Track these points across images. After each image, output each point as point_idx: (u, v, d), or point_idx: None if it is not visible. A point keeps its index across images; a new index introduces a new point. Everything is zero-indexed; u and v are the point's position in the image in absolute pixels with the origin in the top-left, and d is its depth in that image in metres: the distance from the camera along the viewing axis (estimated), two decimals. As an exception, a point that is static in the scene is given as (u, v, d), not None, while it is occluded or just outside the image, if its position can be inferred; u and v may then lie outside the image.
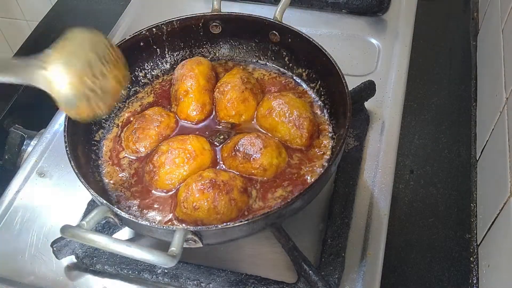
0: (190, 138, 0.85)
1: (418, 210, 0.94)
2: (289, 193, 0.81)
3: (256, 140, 0.83)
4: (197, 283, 0.79)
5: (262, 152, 0.82)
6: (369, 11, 1.23)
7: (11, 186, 0.95)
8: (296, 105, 0.87)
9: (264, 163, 0.82)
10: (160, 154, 0.83)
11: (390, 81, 1.08)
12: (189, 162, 0.82)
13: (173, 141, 0.85)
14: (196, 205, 0.76)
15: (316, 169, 0.84)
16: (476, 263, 0.86)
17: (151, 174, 0.83)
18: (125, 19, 1.26)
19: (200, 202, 0.76)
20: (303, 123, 0.85)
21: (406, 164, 1.00)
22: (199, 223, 0.76)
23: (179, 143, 0.84)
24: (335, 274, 0.78)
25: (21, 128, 1.04)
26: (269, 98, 0.90)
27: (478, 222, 0.91)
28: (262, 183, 0.82)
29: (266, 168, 0.82)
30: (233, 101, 0.90)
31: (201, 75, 0.93)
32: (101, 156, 0.89)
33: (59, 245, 0.81)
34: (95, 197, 0.73)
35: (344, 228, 0.84)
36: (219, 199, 0.76)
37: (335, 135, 0.88)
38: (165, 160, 0.82)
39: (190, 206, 0.76)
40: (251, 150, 0.82)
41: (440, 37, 1.24)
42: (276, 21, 0.94)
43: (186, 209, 0.77)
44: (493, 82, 0.99)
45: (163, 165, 0.82)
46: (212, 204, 0.76)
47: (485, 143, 0.96)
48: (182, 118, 0.92)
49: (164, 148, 0.83)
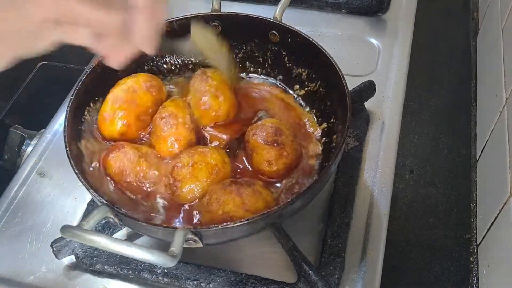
0: (210, 151, 0.83)
1: (418, 210, 0.94)
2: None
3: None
4: (197, 283, 0.79)
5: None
6: (369, 11, 1.23)
7: (11, 186, 0.95)
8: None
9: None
10: (181, 167, 0.81)
11: (390, 81, 1.08)
12: (211, 177, 0.80)
13: (194, 153, 0.82)
14: (222, 199, 0.76)
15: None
16: (476, 263, 0.86)
17: (173, 188, 0.81)
18: (125, 19, 1.26)
19: (225, 197, 0.76)
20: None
21: (406, 164, 1.00)
22: (228, 219, 0.75)
23: (200, 156, 0.82)
24: (335, 274, 0.78)
25: (21, 128, 1.04)
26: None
27: (478, 222, 0.91)
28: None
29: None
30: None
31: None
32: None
33: (59, 245, 0.81)
34: (95, 197, 0.73)
35: (344, 228, 0.84)
36: (243, 190, 0.76)
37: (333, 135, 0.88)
38: (188, 175, 0.80)
39: (215, 205, 0.76)
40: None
41: (440, 37, 1.24)
42: (276, 21, 0.94)
43: (211, 211, 0.77)
44: (493, 82, 0.99)
45: (185, 180, 0.80)
46: (237, 196, 0.76)
47: (485, 143, 0.96)
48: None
49: (185, 161, 0.81)
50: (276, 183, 0.84)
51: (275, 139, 0.84)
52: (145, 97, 0.89)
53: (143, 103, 0.88)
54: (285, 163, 0.83)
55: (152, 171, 0.83)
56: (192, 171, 0.80)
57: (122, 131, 0.87)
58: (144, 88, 0.89)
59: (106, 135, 0.88)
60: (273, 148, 0.83)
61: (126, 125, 0.87)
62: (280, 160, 0.83)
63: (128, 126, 0.87)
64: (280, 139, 0.84)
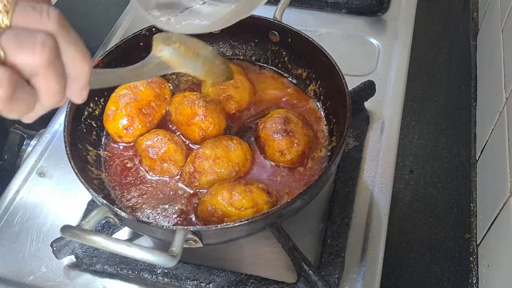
0: (235, 145, 0.84)
1: (418, 210, 0.94)
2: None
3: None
4: (197, 283, 0.79)
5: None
6: (369, 11, 1.23)
7: (11, 186, 0.95)
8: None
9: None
10: (203, 159, 0.82)
11: (390, 81, 1.08)
12: (232, 175, 0.82)
13: (217, 145, 0.83)
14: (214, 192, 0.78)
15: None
16: (475, 263, 0.86)
17: (191, 178, 0.82)
18: (125, 19, 1.26)
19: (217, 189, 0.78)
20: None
21: (406, 164, 1.00)
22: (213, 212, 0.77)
23: (223, 151, 0.82)
24: (335, 274, 0.78)
25: (21, 128, 1.04)
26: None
27: (478, 222, 0.91)
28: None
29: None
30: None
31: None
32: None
33: (59, 245, 0.81)
34: (95, 197, 0.73)
35: (344, 228, 0.84)
36: (237, 187, 0.78)
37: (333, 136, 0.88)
38: (208, 168, 0.82)
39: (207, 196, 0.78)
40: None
41: (440, 37, 1.24)
42: (276, 21, 0.94)
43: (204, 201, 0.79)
44: (493, 82, 0.99)
45: (206, 173, 0.82)
46: (227, 192, 0.77)
47: (485, 143, 0.96)
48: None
49: (208, 153, 0.82)
50: (299, 167, 0.86)
51: (284, 129, 0.85)
52: (147, 91, 0.90)
53: (144, 97, 0.90)
54: (297, 151, 0.85)
55: (177, 154, 0.85)
56: (213, 165, 0.81)
57: (126, 125, 0.88)
58: (145, 83, 0.91)
59: (112, 132, 0.89)
60: (283, 138, 0.84)
61: (129, 120, 0.88)
62: (292, 149, 0.84)
63: (131, 121, 0.88)
64: (289, 127, 0.85)
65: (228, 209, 0.76)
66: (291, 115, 0.88)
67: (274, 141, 0.85)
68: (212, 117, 0.87)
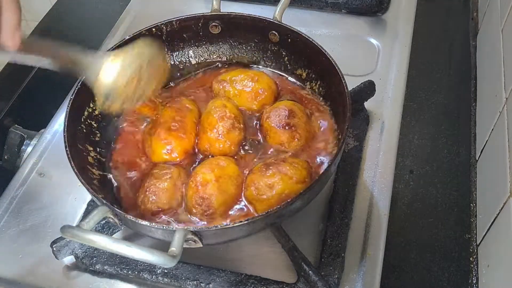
0: (227, 162, 0.83)
1: (417, 210, 0.94)
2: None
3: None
4: (196, 283, 0.79)
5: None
6: (368, 11, 1.23)
7: (11, 186, 0.95)
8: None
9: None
10: (205, 184, 0.80)
11: (390, 81, 1.08)
12: (231, 188, 0.81)
13: (212, 168, 0.82)
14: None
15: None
16: (475, 263, 0.86)
17: (204, 207, 0.80)
18: (125, 19, 1.26)
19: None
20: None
21: (406, 164, 1.00)
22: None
23: (220, 170, 0.81)
24: (335, 274, 0.78)
25: (21, 128, 1.05)
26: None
27: (478, 222, 0.91)
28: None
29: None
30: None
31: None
32: (101, 156, 0.89)
33: (59, 245, 0.81)
34: (95, 197, 0.73)
35: (344, 228, 0.84)
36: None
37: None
38: (212, 189, 0.80)
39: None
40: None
41: (440, 37, 1.23)
42: (276, 21, 0.94)
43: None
44: (493, 82, 0.99)
45: (215, 195, 0.80)
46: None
47: (485, 143, 0.96)
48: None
49: (208, 177, 0.80)
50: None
51: (287, 122, 0.85)
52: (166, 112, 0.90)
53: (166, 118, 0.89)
54: (297, 145, 0.86)
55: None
56: (217, 186, 0.79)
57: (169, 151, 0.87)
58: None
59: (161, 160, 0.87)
60: (285, 131, 0.85)
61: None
62: (292, 143, 0.85)
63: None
64: (293, 121, 0.86)
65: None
66: (296, 109, 0.88)
67: (276, 133, 0.86)
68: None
